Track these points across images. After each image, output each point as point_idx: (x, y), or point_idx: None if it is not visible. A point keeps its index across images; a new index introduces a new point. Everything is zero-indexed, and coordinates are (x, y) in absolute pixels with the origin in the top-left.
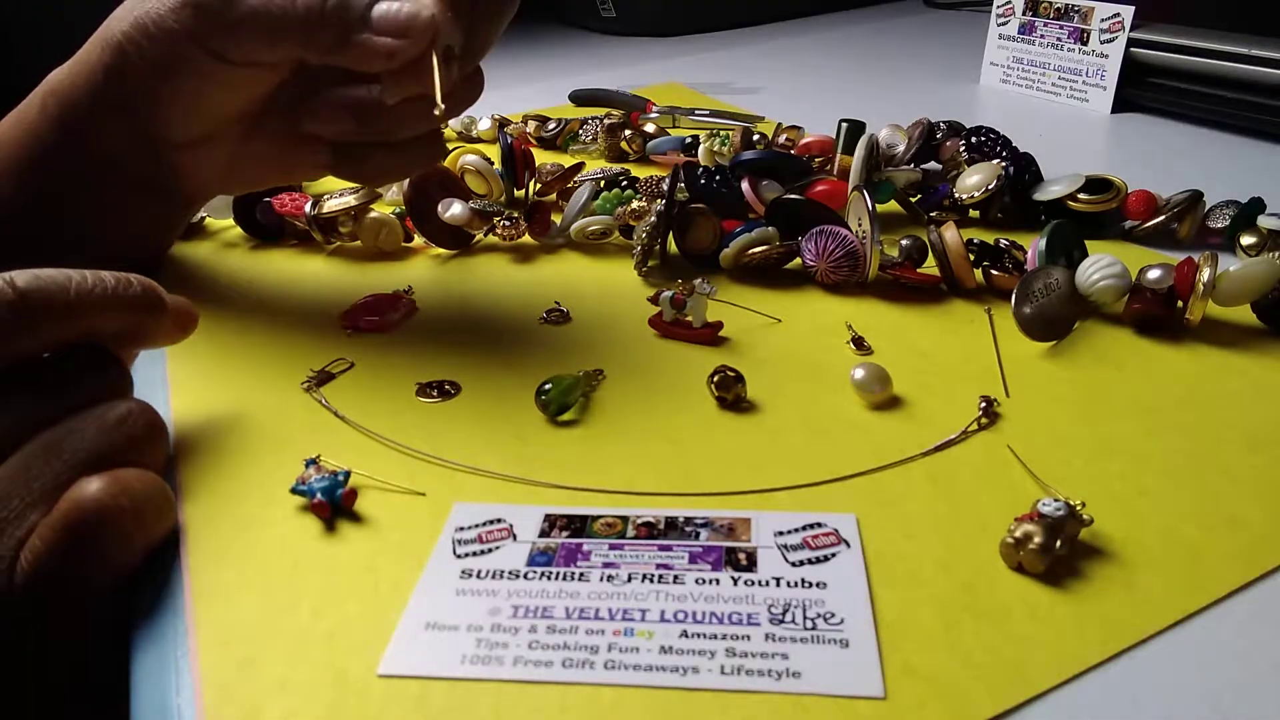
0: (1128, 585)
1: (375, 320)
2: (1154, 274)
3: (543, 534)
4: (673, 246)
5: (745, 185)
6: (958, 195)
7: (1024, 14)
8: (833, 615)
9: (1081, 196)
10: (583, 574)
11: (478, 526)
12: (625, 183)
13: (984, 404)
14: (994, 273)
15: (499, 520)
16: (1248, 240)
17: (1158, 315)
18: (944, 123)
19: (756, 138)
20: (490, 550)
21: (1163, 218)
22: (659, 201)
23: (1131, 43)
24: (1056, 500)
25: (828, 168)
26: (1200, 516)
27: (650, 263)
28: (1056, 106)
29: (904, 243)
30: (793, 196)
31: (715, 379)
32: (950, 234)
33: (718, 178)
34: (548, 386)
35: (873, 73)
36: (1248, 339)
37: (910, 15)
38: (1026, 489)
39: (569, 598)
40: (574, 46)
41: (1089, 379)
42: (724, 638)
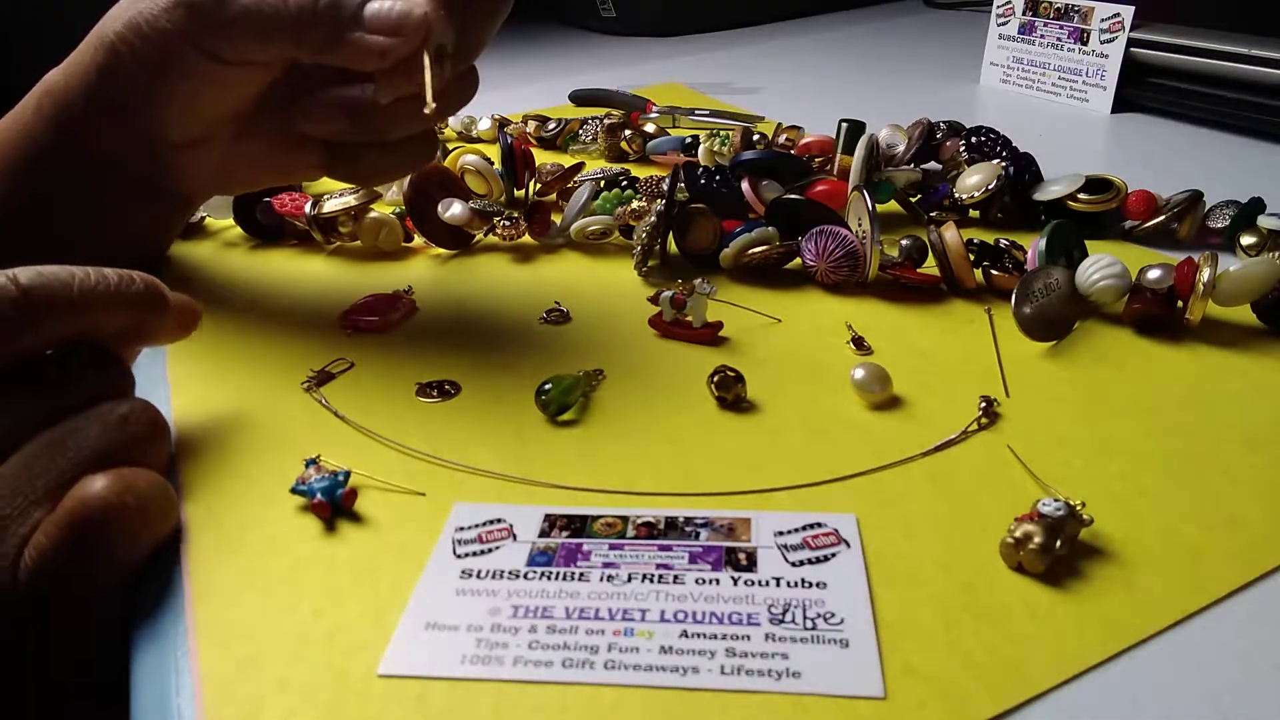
0: (1128, 585)
1: (375, 320)
2: (1154, 274)
3: (543, 534)
4: (673, 246)
5: (745, 185)
6: (958, 195)
7: (1024, 14)
8: (833, 615)
9: (1081, 196)
10: (583, 574)
11: (478, 526)
12: (625, 183)
13: (984, 404)
14: (994, 273)
15: (499, 520)
16: (1248, 240)
17: (1158, 315)
18: (944, 123)
19: (756, 138)
20: (490, 550)
21: (1163, 218)
22: (659, 201)
23: (1131, 43)
24: (1056, 500)
25: (828, 168)
26: (1200, 516)
27: (650, 263)
28: (1056, 106)
29: (904, 243)
30: (793, 196)
31: (715, 379)
32: (950, 234)
33: (718, 178)
34: (548, 386)
35: (873, 73)
36: (1248, 339)
37: (910, 15)
38: (1026, 489)
39: (569, 598)
40: (574, 46)
41: (1089, 379)
42: (724, 638)
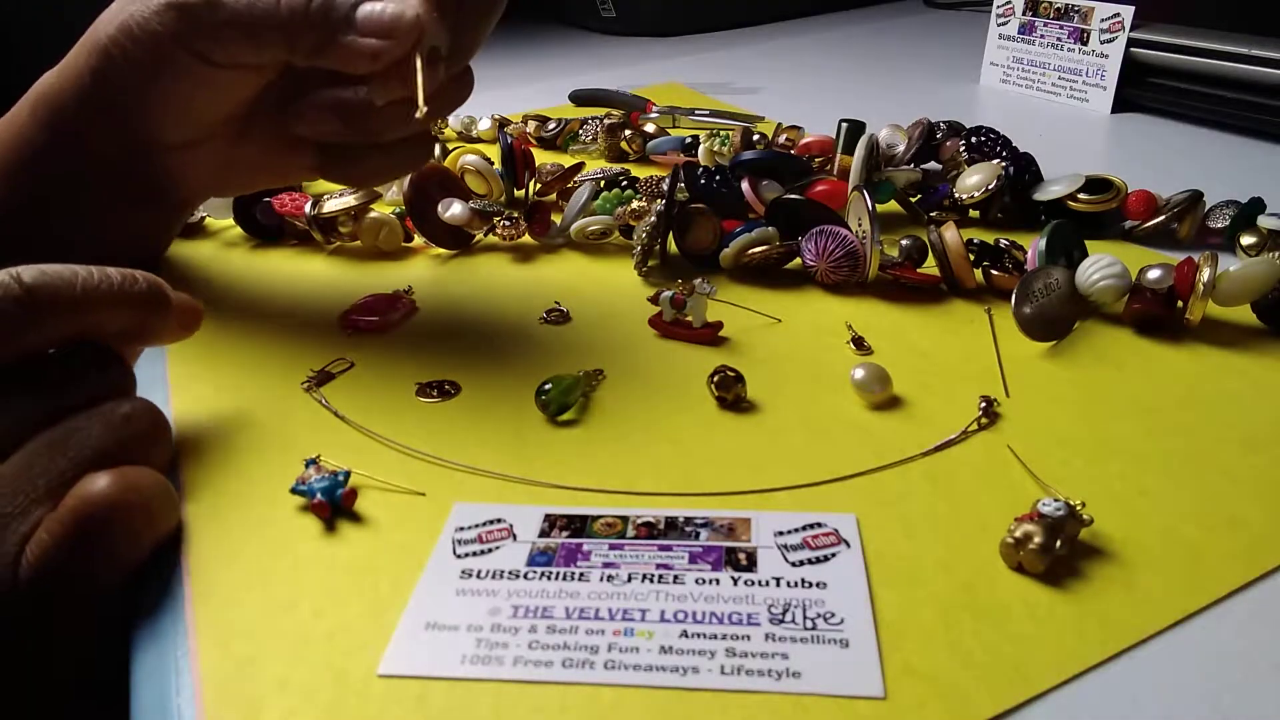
0: (1128, 585)
1: (375, 320)
2: (1154, 274)
3: (543, 534)
4: (673, 246)
5: (745, 185)
6: (958, 195)
7: (1024, 14)
8: (833, 615)
9: (1081, 196)
10: (583, 574)
11: (478, 526)
12: (625, 183)
13: (984, 404)
14: (994, 273)
15: (499, 520)
16: (1248, 240)
17: (1158, 315)
18: (944, 123)
19: (756, 138)
20: (490, 550)
21: (1163, 218)
22: (659, 201)
23: (1131, 43)
24: (1056, 500)
25: (828, 168)
26: (1200, 516)
27: (650, 263)
28: (1056, 106)
29: (904, 243)
30: (793, 196)
31: (715, 379)
32: (950, 234)
33: (718, 178)
34: (548, 386)
35: (873, 73)
36: (1248, 339)
37: (910, 15)
38: (1026, 489)
39: (569, 598)
40: (574, 46)
41: (1089, 379)
42: (724, 638)
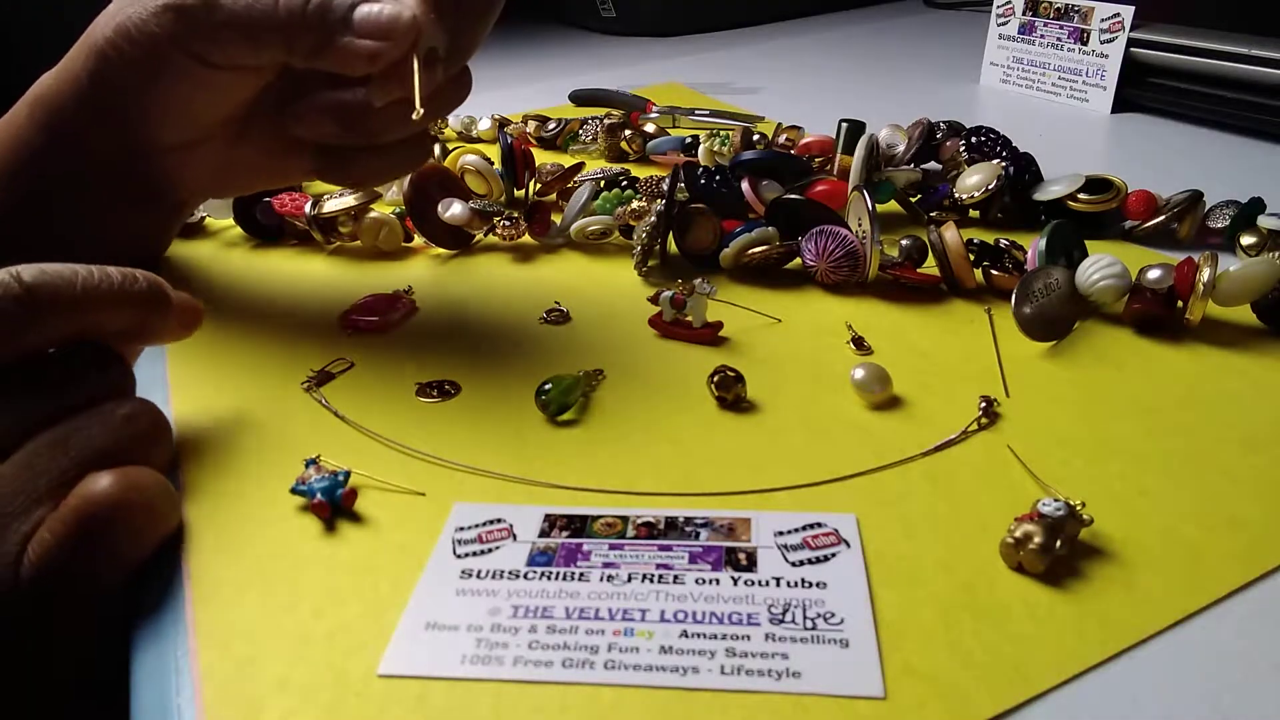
0: (1128, 585)
1: (375, 320)
2: (1154, 274)
3: (543, 534)
4: (673, 246)
5: (745, 185)
6: (958, 195)
7: (1024, 14)
8: (833, 615)
9: (1081, 196)
10: (583, 574)
11: (478, 526)
12: (625, 183)
13: (984, 404)
14: (994, 273)
15: (499, 520)
16: (1248, 240)
17: (1158, 315)
18: (944, 123)
19: (756, 138)
20: (490, 550)
21: (1163, 218)
22: (659, 201)
23: (1131, 43)
24: (1056, 500)
25: (828, 168)
26: (1200, 516)
27: (650, 263)
28: (1056, 106)
29: (904, 243)
30: (793, 196)
31: (715, 379)
32: (950, 234)
33: (718, 178)
34: (548, 386)
35: (873, 73)
36: (1248, 339)
37: (910, 15)
38: (1026, 489)
39: (569, 598)
40: (574, 46)
41: (1089, 379)
42: (724, 638)
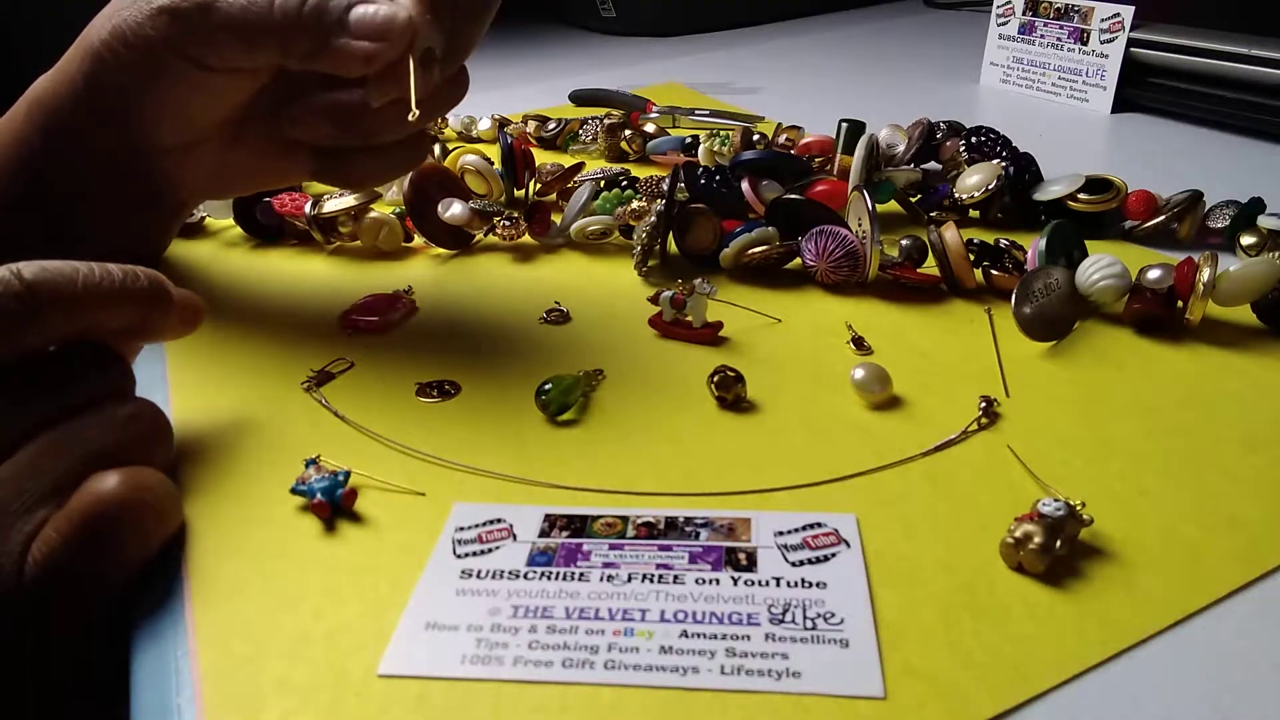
0: (1128, 585)
1: (375, 320)
2: (1154, 274)
3: (543, 534)
4: (673, 246)
5: (745, 185)
6: (958, 195)
7: (1024, 14)
8: (833, 615)
9: (1081, 196)
10: (583, 574)
11: (478, 526)
12: (625, 183)
13: (984, 404)
14: (994, 273)
15: (499, 520)
16: (1248, 240)
17: (1158, 315)
18: (944, 123)
19: (756, 138)
20: (490, 550)
21: (1163, 218)
22: (659, 201)
23: (1131, 43)
24: (1056, 500)
25: (828, 168)
26: (1200, 516)
27: (650, 263)
28: (1056, 106)
29: (904, 243)
30: (793, 196)
31: (715, 379)
32: (950, 234)
33: (718, 178)
34: (548, 386)
35: (873, 73)
36: (1248, 339)
37: (910, 15)
38: (1026, 489)
39: (569, 598)
40: (574, 46)
41: (1089, 379)
42: (724, 638)
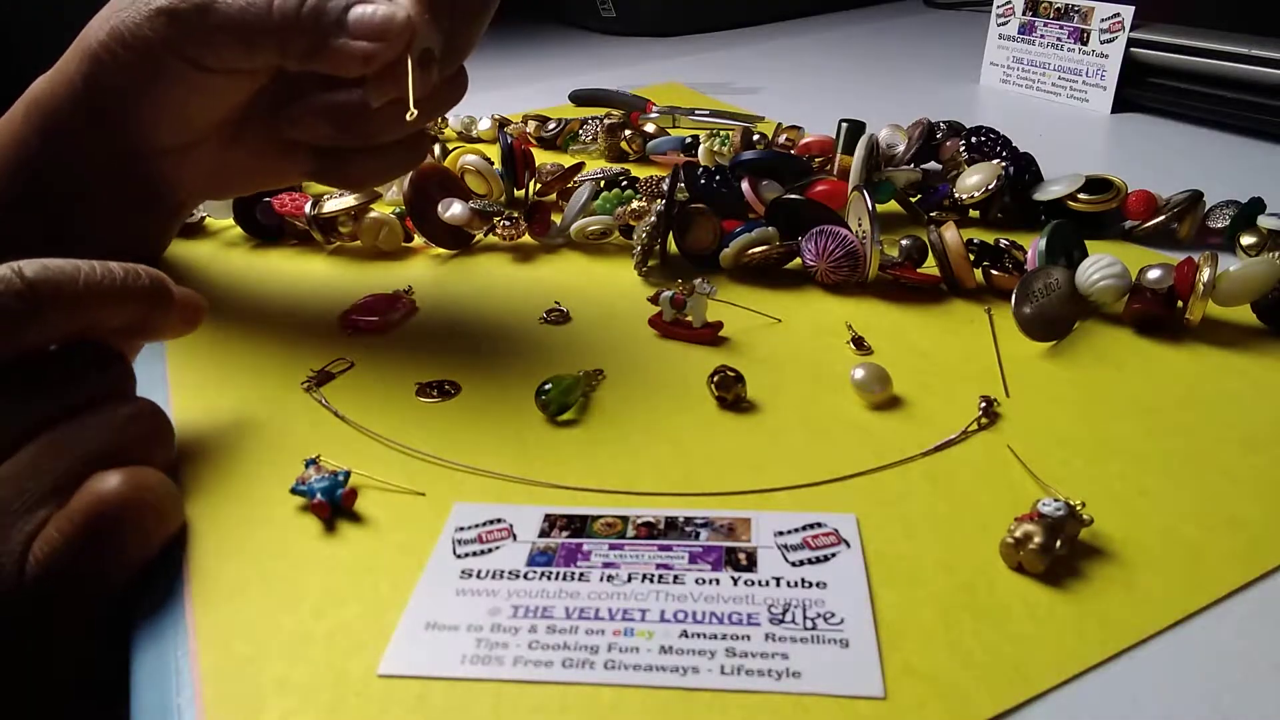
0: (1128, 585)
1: (375, 320)
2: (1154, 274)
3: (543, 534)
4: (673, 246)
5: (745, 185)
6: (958, 195)
7: (1024, 14)
8: (833, 615)
9: (1081, 196)
10: (583, 574)
11: (478, 526)
12: (625, 183)
13: (984, 404)
14: (994, 273)
15: (499, 520)
16: (1248, 240)
17: (1158, 315)
18: (944, 123)
19: (756, 138)
20: (490, 550)
21: (1163, 218)
22: (659, 201)
23: (1131, 43)
24: (1056, 500)
25: (828, 168)
26: (1200, 516)
27: (650, 263)
28: (1056, 106)
29: (904, 243)
30: (793, 196)
31: (715, 379)
32: (950, 234)
33: (718, 178)
34: (548, 386)
35: (873, 73)
36: (1248, 339)
37: (910, 15)
38: (1026, 489)
39: (569, 598)
40: (574, 46)
41: (1089, 379)
42: (724, 638)
